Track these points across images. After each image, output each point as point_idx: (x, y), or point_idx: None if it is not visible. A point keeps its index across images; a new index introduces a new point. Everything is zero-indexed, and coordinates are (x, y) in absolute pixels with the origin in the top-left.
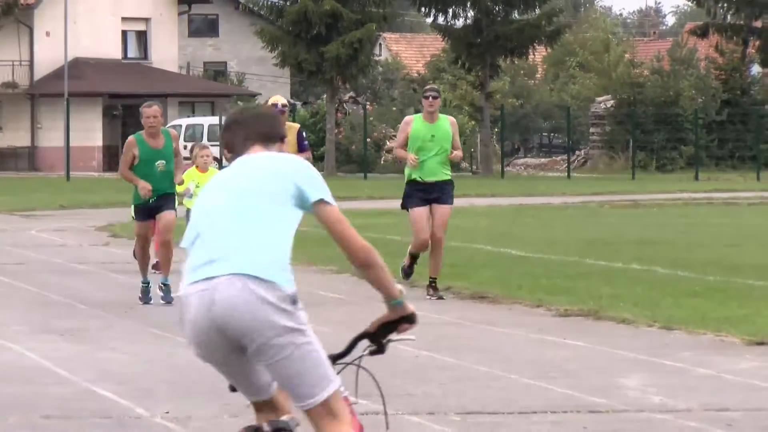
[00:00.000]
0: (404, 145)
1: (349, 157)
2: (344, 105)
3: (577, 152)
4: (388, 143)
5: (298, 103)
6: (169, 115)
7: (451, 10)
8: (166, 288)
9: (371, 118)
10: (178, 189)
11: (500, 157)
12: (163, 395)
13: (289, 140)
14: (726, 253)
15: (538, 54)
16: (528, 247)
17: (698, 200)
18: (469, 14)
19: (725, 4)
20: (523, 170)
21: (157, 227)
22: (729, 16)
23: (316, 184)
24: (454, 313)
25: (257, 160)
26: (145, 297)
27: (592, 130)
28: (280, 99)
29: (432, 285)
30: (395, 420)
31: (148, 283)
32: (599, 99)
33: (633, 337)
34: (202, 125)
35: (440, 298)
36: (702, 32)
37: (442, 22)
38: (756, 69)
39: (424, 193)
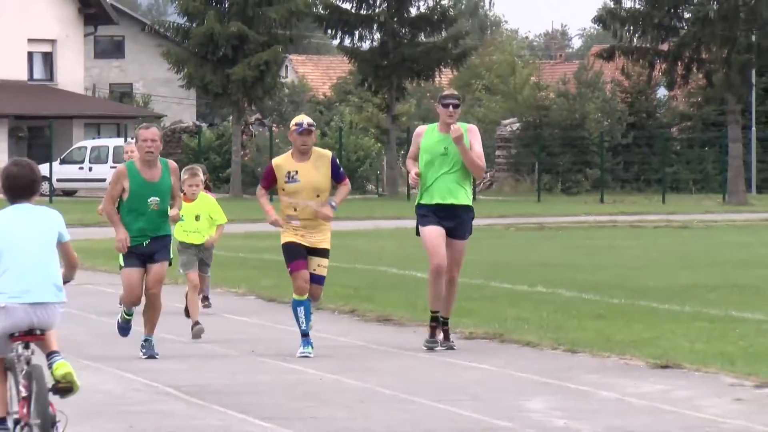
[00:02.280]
0: (416, 159)
1: (255, 179)
2: (250, 127)
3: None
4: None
5: (204, 125)
6: (74, 136)
7: (357, 33)
8: (147, 343)
9: (277, 140)
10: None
11: (406, 180)
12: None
13: (321, 170)
14: (631, 276)
15: (445, 76)
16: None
17: (603, 223)
18: (375, 37)
19: (632, 27)
20: None
21: (146, 279)
22: (635, 39)
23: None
24: (358, 335)
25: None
26: (123, 331)
27: (498, 152)
28: (305, 118)
29: (443, 328)
30: None
31: (132, 314)
32: (505, 122)
33: (537, 360)
34: (108, 147)
35: (450, 348)
36: (608, 55)
37: (348, 45)
38: (662, 92)
39: (439, 217)
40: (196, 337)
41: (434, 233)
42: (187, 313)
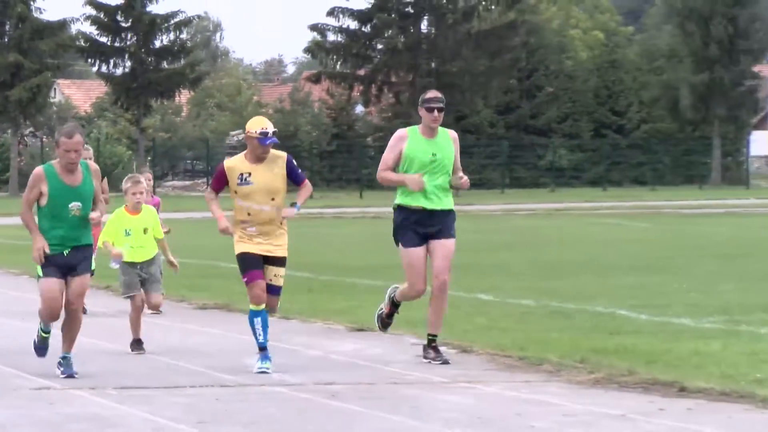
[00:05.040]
0: (394, 168)
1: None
2: (25, 138)
3: None
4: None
5: None
6: None
7: (112, 61)
8: (65, 361)
9: (47, 149)
10: (100, 245)
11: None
12: None
13: (276, 172)
14: (336, 257)
15: (184, 96)
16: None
17: (312, 215)
18: (126, 64)
19: (335, 57)
20: (171, 191)
21: (66, 294)
22: (338, 66)
23: None
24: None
25: None
26: (40, 351)
27: (227, 158)
28: (269, 126)
29: (432, 345)
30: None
31: (50, 332)
32: (232, 133)
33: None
34: None
35: (445, 362)
36: (316, 79)
37: (104, 71)
38: (359, 108)
39: (420, 226)
40: (138, 353)
41: (418, 258)
42: (133, 348)
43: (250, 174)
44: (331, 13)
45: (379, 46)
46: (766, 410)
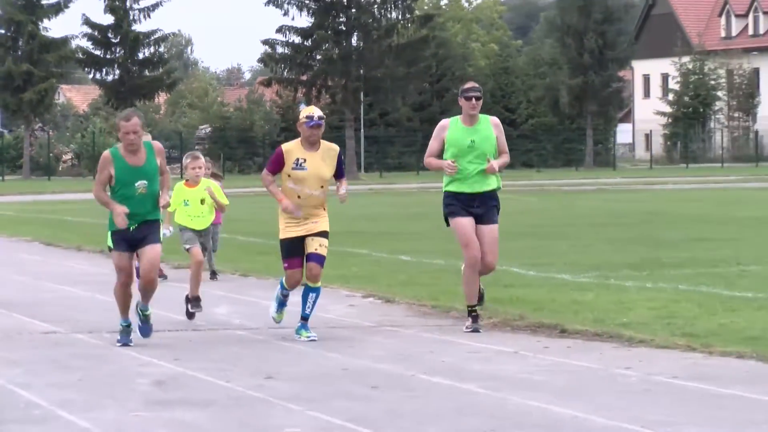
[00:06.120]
0: (438, 155)
1: (39, 165)
2: (35, 132)
3: None
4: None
5: (5, 131)
6: None
7: (104, 70)
8: (145, 317)
9: (53, 141)
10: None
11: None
12: None
13: (328, 163)
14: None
15: (162, 97)
16: None
17: (264, 193)
18: (116, 72)
19: (283, 65)
20: None
21: (140, 264)
22: (285, 73)
23: None
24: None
25: None
26: (124, 338)
27: (197, 147)
28: (316, 111)
29: (471, 314)
30: None
31: (129, 324)
32: (201, 127)
33: (223, 282)
34: None
35: (476, 330)
36: (268, 83)
37: (98, 78)
38: (303, 107)
39: (465, 206)
40: (190, 317)
41: (467, 224)
42: (187, 305)
43: (305, 160)
44: (280, 30)
45: (318, 57)
46: (630, 347)
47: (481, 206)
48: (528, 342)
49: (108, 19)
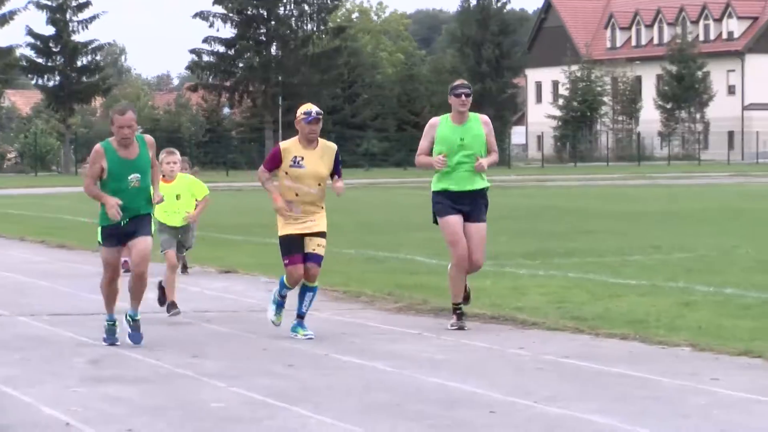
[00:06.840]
0: (428, 153)
1: None
2: None
3: None
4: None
5: None
6: None
7: (46, 76)
8: (134, 324)
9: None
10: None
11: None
12: None
13: (326, 161)
14: (210, 219)
15: (98, 101)
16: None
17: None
18: (56, 78)
19: (208, 72)
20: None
21: (130, 257)
22: (210, 79)
23: None
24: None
25: None
26: (110, 337)
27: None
28: (313, 107)
29: (455, 312)
30: None
31: (115, 321)
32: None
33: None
34: None
35: (461, 328)
36: (195, 88)
37: (40, 83)
38: (226, 110)
39: (453, 203)
40: (173, 315)
41: (455, 223)
42: (161, 302)
43: (303, 158)
44: (206, 40)
45: (241, 65)
46: (524, 329)
47: (469, 204)
48: (431, 324)
49: (50, 30)
